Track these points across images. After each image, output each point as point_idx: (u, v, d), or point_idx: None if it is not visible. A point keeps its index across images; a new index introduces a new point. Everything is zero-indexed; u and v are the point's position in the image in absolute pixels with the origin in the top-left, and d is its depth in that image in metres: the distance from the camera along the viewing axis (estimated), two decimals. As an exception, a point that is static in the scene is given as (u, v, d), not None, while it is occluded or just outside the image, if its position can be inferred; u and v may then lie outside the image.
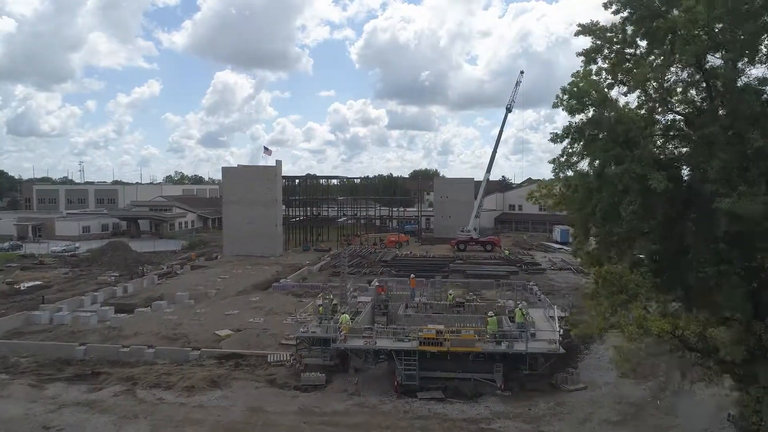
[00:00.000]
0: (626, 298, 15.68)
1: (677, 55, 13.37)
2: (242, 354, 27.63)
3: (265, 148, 71.59)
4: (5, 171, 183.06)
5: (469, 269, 54.34)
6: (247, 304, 39.37)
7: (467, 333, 21.64)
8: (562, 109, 14.54)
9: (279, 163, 68.04)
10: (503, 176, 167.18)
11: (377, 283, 31.05)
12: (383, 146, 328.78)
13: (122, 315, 35.96)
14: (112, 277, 50.01)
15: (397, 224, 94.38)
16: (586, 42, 15.03)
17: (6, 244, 73.10)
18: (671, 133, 15.30)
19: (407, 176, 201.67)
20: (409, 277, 29.95)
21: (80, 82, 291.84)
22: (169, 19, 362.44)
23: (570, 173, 15.59)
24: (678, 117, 15.31)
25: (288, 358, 26.47)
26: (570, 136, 14.76)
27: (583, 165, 15.27)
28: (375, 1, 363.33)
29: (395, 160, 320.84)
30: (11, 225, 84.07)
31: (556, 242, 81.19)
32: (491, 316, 22.74)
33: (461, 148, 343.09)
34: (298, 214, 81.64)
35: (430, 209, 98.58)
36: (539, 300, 42.08)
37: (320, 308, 27.11)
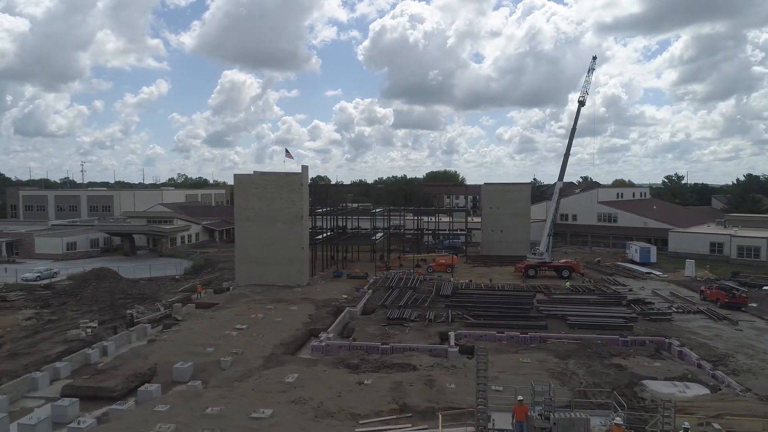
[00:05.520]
0: None
1: None
2: None
3: (287, 151, 57.79)
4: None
5: (568, 312, 40.62)
6: (282, 391, 25.74)
7: None
8: None
9: (305, 169, 54.35)
10: (534, 178, 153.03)
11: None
12: (388, 145, 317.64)
13: (84, 420, 22.34)
14: (88, 330, 36.43)
15: (434, 239, 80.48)
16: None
17: None
18: None
19: (421, 177, 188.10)
20: (517, 401, 16.98)
21: (88, 81, 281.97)
22: (177, 19, 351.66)
23: None
24: None
25: None
26: None
27: None
28: (383, 2, 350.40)
29: (400, 160, 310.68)
30: (-18, 241, 70.65)
31: (633, 262, 67.33)
32: None
33: (466, 147, 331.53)
34: (324, 228, 67.69)
35: (460, 221, 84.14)
36: (716, 381, 28.02)
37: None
